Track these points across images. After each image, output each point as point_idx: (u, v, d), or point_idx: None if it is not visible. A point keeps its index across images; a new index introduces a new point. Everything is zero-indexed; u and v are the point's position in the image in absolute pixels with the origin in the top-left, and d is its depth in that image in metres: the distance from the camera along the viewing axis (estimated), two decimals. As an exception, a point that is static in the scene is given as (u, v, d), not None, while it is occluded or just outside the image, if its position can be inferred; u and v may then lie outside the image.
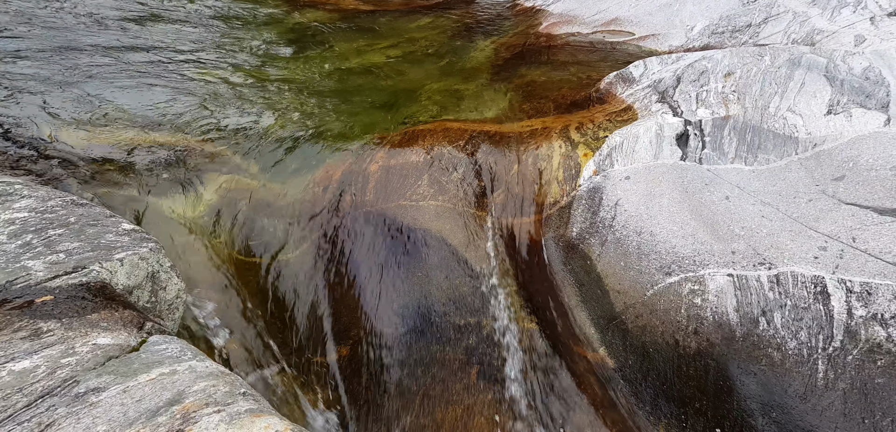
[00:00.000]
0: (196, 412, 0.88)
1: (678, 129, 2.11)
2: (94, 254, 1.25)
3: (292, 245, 2.35)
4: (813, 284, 1.54)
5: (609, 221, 2.09)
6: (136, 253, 1.32)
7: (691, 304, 1.71)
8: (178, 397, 0.92)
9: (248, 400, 0.97)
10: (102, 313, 1.13)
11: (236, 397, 0.96)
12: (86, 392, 0.91)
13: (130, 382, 0.95)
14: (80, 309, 1.11)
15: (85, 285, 1.16)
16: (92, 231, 1.36)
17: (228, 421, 0.87)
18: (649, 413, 1.69)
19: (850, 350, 1.43)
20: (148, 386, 0.94)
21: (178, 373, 0.99)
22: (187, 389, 0.95)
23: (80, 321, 1.08)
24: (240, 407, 0.92)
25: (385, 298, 2.22)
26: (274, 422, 0.90)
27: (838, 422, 1.38)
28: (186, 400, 0.91)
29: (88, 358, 0.99)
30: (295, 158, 2.76)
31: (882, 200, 1.56)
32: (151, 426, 0.84)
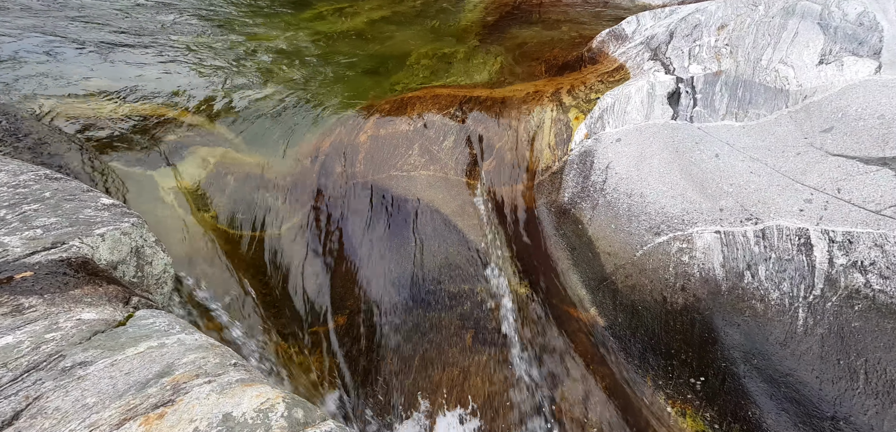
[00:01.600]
0: (186, 383, 0.91)
1: (670, 88, 2.08)
2: (74, 230, 1.24)
3: (284, 218, 2.36)
4: (797, 236, 1.58)
5: (600, 185, 2.10)
6: (118, 228, 1.32)
7: (679, 262, 1.75)
8: (168, 369, 0.94)
9: (238, 370, 1.00)
10: (86, 288, 1.13)
11: (227, 368, 0.99)
12: (72, 366, 0.92)
13: (118, 356, 0.96)
14: (61, 284, 1.11)
15: (65, 261, 1.16)
16: (69, 206, 1.35)
17: (219, 391, 0.90)
18: (637, 367, 1.77)
19: (830, 297, 1.49)
20: (136, 360, 0.96)
21: (166, 346, 1.01)
22: (177, 361, 0.97)
23: (62, 297, 1.09)
24: (231, 378, 0.95)
25: (380, 268, 2.26)
26: (265, 391, 0.93)
27: (815, 365, 1.46)
28: (176, 372, 0.93)
29: (73, 333, 1.01)
30: (281, 130, 2.72)
31: (868, 150, 1.58)
32: (141, 397, 0.87)
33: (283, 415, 0.87)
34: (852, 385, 1.40)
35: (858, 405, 1.38)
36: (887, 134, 1.55)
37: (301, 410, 0.91)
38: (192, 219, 2.11)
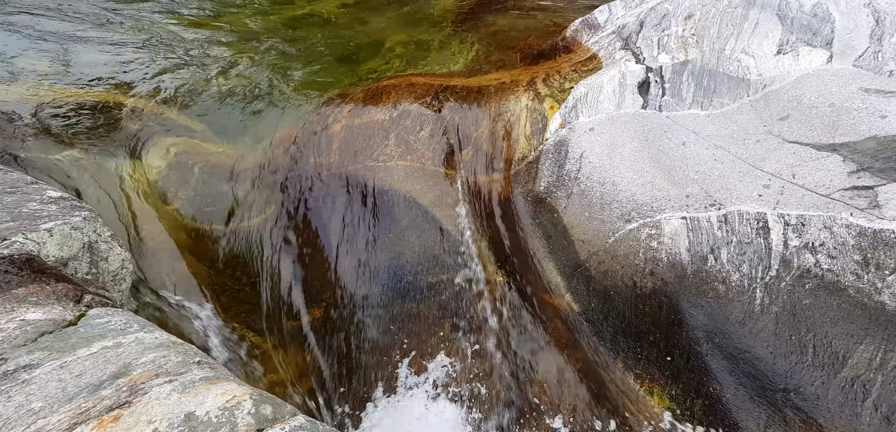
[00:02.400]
0: (145, 383, 0.88)
1: (640, 77, 2.12)
2: (16, 225, 1.17)
3: (255, 210, 2.29)
4: (756, 220, 1.67)
5: (574, 174, 2.14)
6: (68, 222, 1.25)
7: (648, 248, 1.82)
8: (125, 369, 0.91)
9: (203, 368, 0.97)
10: (30, 287, 1.08)
11: (190, 366, 0.96)
12: (15, 369, 0.88)
13: (68, 357, 0.92)
14: (3, 283, 1.05)
15: (7, 258, 1.09)
16: (10, 199, 1.27)
17: (181, 391, 0.87)
18: (609, 349, 1.85)
19: (784, 277, 1.59)
20: (89, 361, 0.92)
21: (123, 346, 0.98)
22: (134, 361, 0.93)
23: (4, 297, 1.03)
24: (194, 376, 0.93)
25: (357, 260, 2.24)
26: (231, 388, 0.91)
27: (769, 341, 1.56)
28: (134, 373, 0.90)
29: (16, 335, 0.96)
30: (250, 119, 2.63)
31: (820, 136, 1.67)
32: (94, 399, 0.83)
33: (249, 413, 0.86)
34: (802, 358, 1.50)
35: (807, 376, 1.49)
36: (837, 121, 1.65)
37: (269, 406, 0.90)
38: (155, 212, 2.02)
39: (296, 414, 0.92)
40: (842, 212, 1.55)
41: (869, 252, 1.47)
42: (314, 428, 0.88)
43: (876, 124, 1.56)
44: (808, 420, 1.46)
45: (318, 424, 0.92)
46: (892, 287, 1.43)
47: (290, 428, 0.86)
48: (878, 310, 1.43)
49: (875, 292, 1.45)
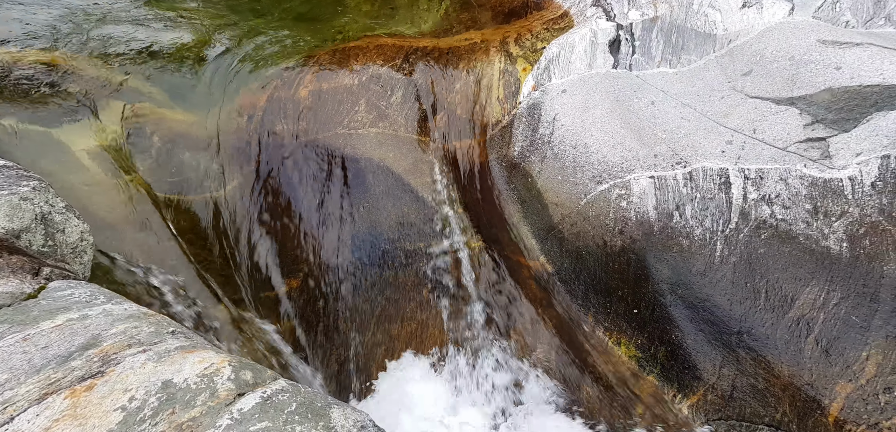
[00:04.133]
0: (117, 353, 0.88)
1: (611, 35, 2.10)
2: None
3: (222, 180, 2.23)
4: (718, 176, 1.74)
5: (548, 137, 2.14)
6: (15, 192, 1.19)
7: (618, 208, 1.87)
8: (94, 341, 0.90)
9: (177, 338, 0.97)
10: None
11: (164, 336, 0.96)
12: None
13: (31, 330, 0.91)
14: None
15: None
16: None
17: (156, 360, 0.88)
18: (581, 306, 1.93)
19: (742, 228, 1.68)
20: (54, 333, 0.91)
21: (90, 318, 0.97)
22: (104, 332, 0.93)
23: None
24: (168, 346, 0.93)
25: (332, 230, 2.23)
26: (209, 356, 0.92)
27: (727, 289, 1.67)
28: (104, 343, 0.90)
29: None
30: (210, 83, 2.48)
31: (780, 91, 1.72)
32: (64, 370, 0.83)
33: (229, 378, 0.87)
34: (755, 303, 1.62)
35: (759, 319, 1.62)
36: (795, 75, 1.69)
37: (249, 372, 0.91)
38: (115, 183, 1.92)
39: (277, 378, 0.94)
40: (797, 163, 1.62)
41: (819, 201, 1.57)
42: (295, 390, 0.90)
43: (831, 76, 1.61)
44: (758, 358, 1.60)
45: (300, 386, 0.94)
46: (838, 232, 1.54)
47: (272, 391, 0.87)
48: (823, 254, 1.55)
49: (822, 238, 1.55)
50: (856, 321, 1.48)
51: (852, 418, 1.46)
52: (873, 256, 1.48)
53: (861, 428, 1.44)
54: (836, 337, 1.50)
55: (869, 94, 1.52)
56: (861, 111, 1.54)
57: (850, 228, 1.51)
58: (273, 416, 0.80)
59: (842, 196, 1.53)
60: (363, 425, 0.87)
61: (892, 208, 1.46)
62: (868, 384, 1.46)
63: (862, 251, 1.49)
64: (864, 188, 1.49)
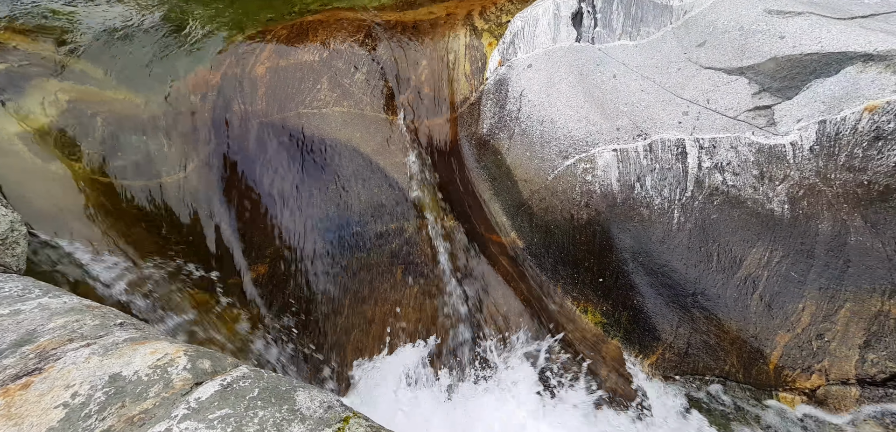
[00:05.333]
0: (57, 349, 0.85)
1: (573, 8, 2.09)
2: None
3: (176, 164, 2.12)
4: (676, 146, 1.81)
5: (515, 114, 2.14)
6: None
7: (584, 182, 1.92)
8: (29, 337, 0.87)
9: (127, 329, 0.95)
10: None
11: (111, 328, 0.93)
12: None
13: None
14: None
15: None
16: None
17: (102, 353, 0.85)
18: (550, 278, 2.00)
19: (697, 196, 1.77)
20: None
21: (23, 313, 0.93)
22: (40, 328, 0.89)
23: None
24: (116, 338, 0.90)
25: (299, 214, 2.18)
26: (162, 346, 0.90)
27: (683, 254, 1.78)
28: (41, 339, 0.86)
29: None
30: (155, 61, 2.33)
31: (730, 61, 1.79)
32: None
33: (185, 368, 0.85)
34: (708, 265, 1.74)
35: (711, 280, 1.73)
36: (745, 45, 1.77)
37: (208, 360, 0.89)
38: (53, 169, 1.78)
39: (238, 365, 0.93)
40: (745, 131, 1.72)
41: (764, 166, 1.67)
42: (258, 376, 0.89)
43: (776, 45, 1.69)
44: (710, 316, 1.73)
45: (263, 372, 0.93)
46: (780, 195, 1.66)
47: (233, 378, 0.86)
48: (768, 216, 1.67)
49: (767, 201, 1.67)
50: (794, 276, 1.63)
51: (789, 364, 1.62)
52: (810, 216, 1.61)
53: (797, 373, 1.61)
54: (778, 292, 1.64)
55: (808, 62, 1.61)
56: (802, 79, 1.63)
57: (791, 191, 1.63)
58: (234, 403, 0.79)
59: (784, 161, 1.64)
60: (330, 405, 0.88)
61: (826, 170, 1.58)
62: (803, 332, 1.61)
63: (800, 211, 1.62)
64: (804, 152, 1.61)
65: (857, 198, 1.54)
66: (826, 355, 1.59)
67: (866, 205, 1.53)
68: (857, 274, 1.56)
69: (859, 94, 1.52)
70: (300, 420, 0.78)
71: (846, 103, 1.54)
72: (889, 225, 1.52)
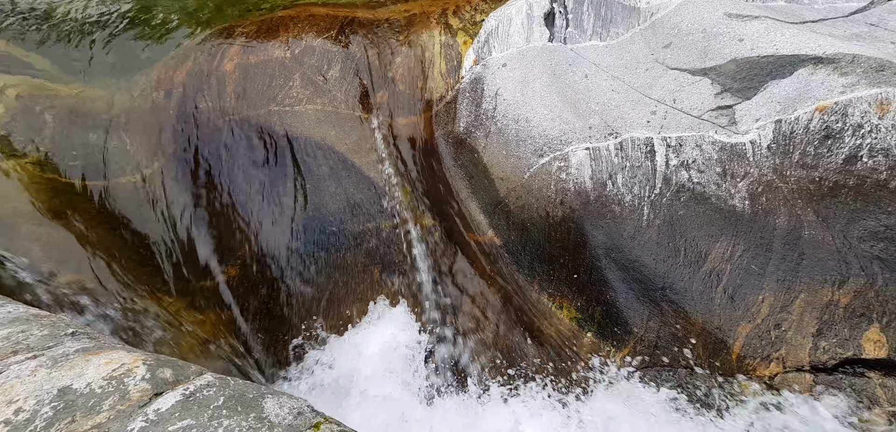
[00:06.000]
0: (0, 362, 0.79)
1: (545, 8, 2.12)
2: None
3: (138, 163, 2.03)
4: (645, 145, 1.86)
5: (491, 112, 2.15)
6: None
7: (559, 179, 1.95)
8: None
9: (79, 339, 0.91)
10: None
11: (61, 339, 0.90)
12: None
13: None
14: None
15: None
16: None
17: (51, 366, 0.81)
18: (527, 275, 2.03)
19: (665, 193, 1.83)
20: None
21: None
22: None
23: None
24: (67, 349, 0.87)
25: (272, 214, 2.13)
26: (119, 356, 0.86)
27: (653, 250, 1.83)
28: None
29: None
30: (115, 55, 2.24)
31: (694, 62, 1.86)
32: None
33: (144, 378, 0.83)
34: (676, 260, 1.80)
35: (678, 274, 1.80)
36: (707, 46, 1.84)
37: (169, 369, 0.86)
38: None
39: (202, 372, 0.89)
40: (709, 130, 1.79)
41: (727, 164, 1.74)
42: (224, 384, 0.86)
43: (735, 47, 1.77)
44: (678, 309, 1.80)
45: (229, 379, 0.90)
46: (741, 191, 1.74)
47: (196, 386, 0.84)
48: (730, 212, 1.74)
49: (729, 197, 1.74)
50: (755, 269, 1.71)
51: (750, 353, 1.70)
52: (768, 211, 1.69)
53: (757, 361, 1.69)
54: (740, 284, 1.72)
55: (765, 63, 1.70)
56: (759, 80, 1.72)
57: (751, 187, 1.71)
58: (196, 413, 0.76)
59: (745, 158, 1.71)
60: (300, 411, 0.85)
61: (782, 167, 1.67)
62: (762, 323, 1.70)
63: (760, 207, 1.70)
64: (762, 150, 1.69)
65: (809, 193, 1.63)
66: (783, 344, 1.68)
67: (818, 201, 1.63)
68: (811, 266, 1.66)
69: (810, 94, 1.61)
70: (268, 428, 0.76)
71: (799, 103, 1.63)
72: (838, 219, 1.62)
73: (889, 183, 1.53)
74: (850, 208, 1.59)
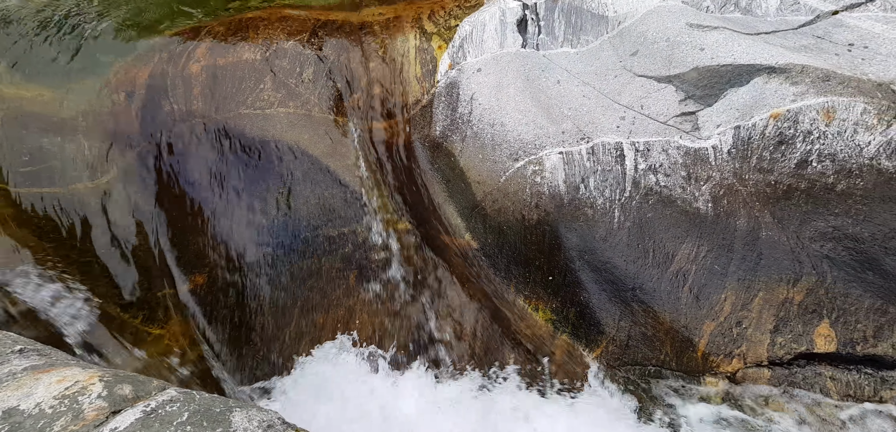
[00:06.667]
0: None
1: (518, 14, 2.15)
2: None
3: (96, 169, 1.96)
4: (615, 149, 1.92)
5: (467, 116, 2.16)
6: None
7: (534, 183, 1.98)
8: None
9: (28, 357, 0.86)
10: None
11: (7, 357, 0.86)
12: None
13: None
14: None
15: None
16: None
17: None
18: (503, 278, 2.04)
19: (635, 196, 1.90)
20: None
21: None
22: None
23: None
24: (14, 367, 0.83)
25: (243, 220, 2.07)
26: (72, 373, 0.82)
27: (624, 251, 1.89)
28: None
29: None
30: (69, 54, 2.12)
31: (660, 70, 1.94)
32: None
33: (100, 396, 0.79)
34: (645, 261, 1.86)
35: (647, 275, 1.86)
36: (671, 55, 1.92)
37: (129, 385, 0.83)
38: None
39: (165, 387, 0.85)
40: (674, 136, 1.86)
41: (691, 168, 1.82)
42: (188, 398, 0.83)
43: (697, 56, 1.86)
44: (648, 308, 1.86)
45: (194, 393, 0.87)
46: (705, 195, 1.81)
47: (158, 402, 0.80)
48: (695, 214, 1.82)
49: (694, 200, 1.82)
50: (717, 269, 1.79)
51: (714, 351, 1.78)
52: (729, 213, 1.77)
53: (720, 357, 1.77)
54: (704, 284, 1.80)
55: (724, 72, 1.79)
56: (719, 87, 1.80)
57: (714, 191, 1.79)
58: (158, 430, 0.73)
59: (707, 163, 1.79)
60: (270, 424, 0.83)
61: (742, 171, 1.76)
62: (725, 320, 1.78)
63: (722, 209, 1.78)
64: (723, 155, 1.77)
65: (766, 196, 1.73)
66: (744, 340, 1.76)
67: (774, 203, 1.72)
68: (768, 265, 1.75)
69: (765, 102, 1.70)
70: (237, 442, 0.73)
71: (756, 110, 1.72)
72: (792, 220, 1.72)
73: (836, 186, 1.64)
74: (802, 210, 1.70)
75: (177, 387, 0.89)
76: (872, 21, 1.81)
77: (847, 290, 1.67)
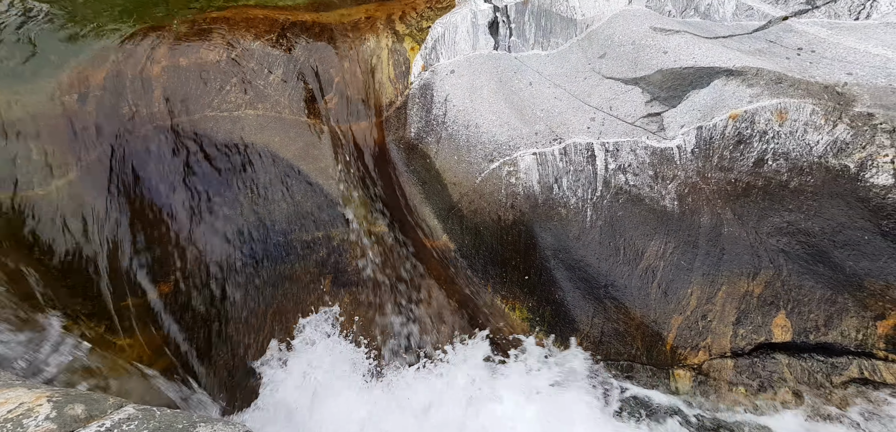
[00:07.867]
0: None
1: (489, 17, 2.16)
2: None
3: (49, 173, 1.86)
4: (586, 150, 1.96)
5: (441, 118, 2.15)
6: None
7: (509, 184, 2.00)
8: None
9: None
10: None
11: None
12: None
13: None
14: None
15: None
16: None
17: None
18: (480, 278, 2.05)
19: (605, 195, 1.94)
20: None
21: None
22: None
23: None
24: None
25: (209, 225, 1.99)
26: (17, 395, 0.78)
27: (596, 249, 1.93)
28: None
29: None
30: (18, 53, 2.01)
31: (627, 72, 2.00)
32: None
33: (48, 418, 0.75)
34: (616, 258, 1.91)
35: (619, 272, 1.91)
36: (637, 58, 1.98)
37: (81, 405, 0.78)
38: None
39: (123, 405, 0.80)
40: (641, 136, 1.92)
41: (658, 167, 1.88)
42: (148, 416, 0.78)
43: (661, 59, 1.92)
44: (620, 305, 1.91)
45: (154, 410, 0.82)
46: (671, 193, 1.88)
47: (114, 422, 0.77)
48: (662, 212, 1.88)
49: (661, 199, 1.88)
50: (684, 265, 1.86)
51: (682, 344, 1.85)
52: (694, 210, 1.85)
53: (687, 350, 1.84)
54: (672, 279, 1.86)
55: (687, 74, 1.86)
56: (682, 89, 1.88)
57: (679, 189, 1.86)
58: None
59: (673, 162, 1.86)
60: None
61: (704, 170, 1.83)
62: (692, 314, 1.85)
63: (687, 207, 1.85)
64: (687, 154, 1.84)
65: (727, 193, 1.81)
66: (709, 333, 1.84)
67: (734, 200, 1.80)
68: (730, 260, 1.83)
69: (725, 103, 1.78)
70: (202, 461, 0.69)
71: (716, 111, 1.79)
72: (750, 216, 1.80)
73: (789, 183, 1.73)
74: (760, 206, 1.78)
75: (135, 404, 0.84)
76: (819, 26, 1.93)
77: (801, 282, 1.77)
